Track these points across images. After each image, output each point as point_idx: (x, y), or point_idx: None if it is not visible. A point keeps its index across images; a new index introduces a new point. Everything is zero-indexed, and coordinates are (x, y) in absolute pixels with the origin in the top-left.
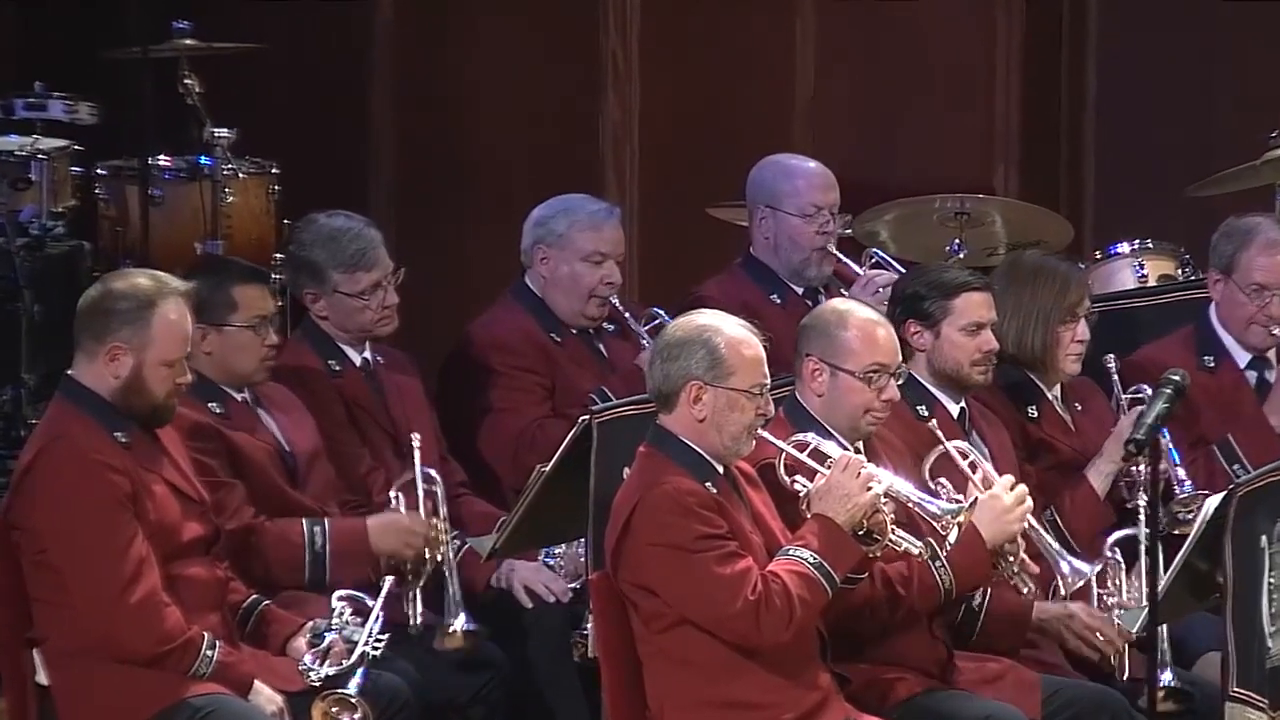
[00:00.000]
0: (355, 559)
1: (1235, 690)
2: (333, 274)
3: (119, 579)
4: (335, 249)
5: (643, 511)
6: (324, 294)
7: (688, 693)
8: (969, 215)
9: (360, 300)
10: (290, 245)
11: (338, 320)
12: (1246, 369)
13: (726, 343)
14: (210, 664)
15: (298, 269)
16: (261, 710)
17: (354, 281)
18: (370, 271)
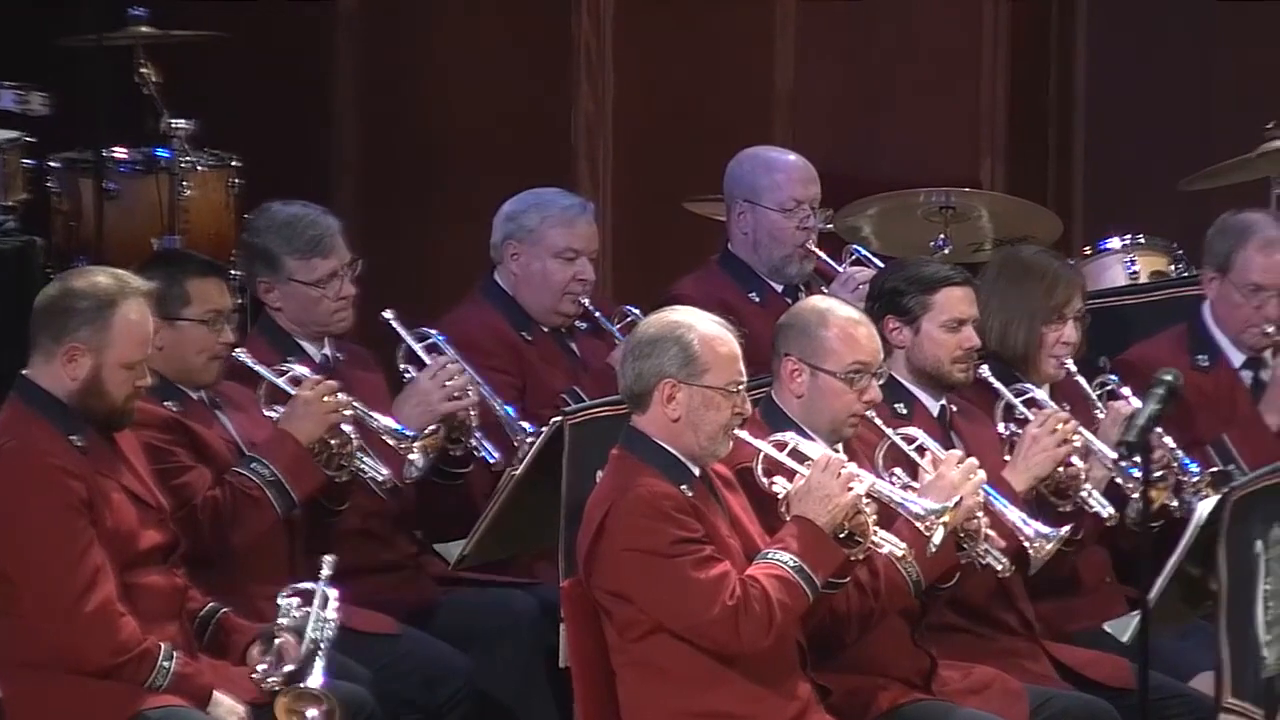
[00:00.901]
0: (297, 462)
1: (1229, 701)
2: (287, 261)
3: (73, 588)
4: (291, 235)
5: (616, 516)
6: (278, 283)
7: (663, 703)
8: (954, 210)
9: (316, 290)
10: (244, 233)
11: (292, 312)
12: (1241, 369)
13: (700, 339)
14: (167, 675)
15: (252, 257)
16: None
17: (309, 269)
18: (327, 259)
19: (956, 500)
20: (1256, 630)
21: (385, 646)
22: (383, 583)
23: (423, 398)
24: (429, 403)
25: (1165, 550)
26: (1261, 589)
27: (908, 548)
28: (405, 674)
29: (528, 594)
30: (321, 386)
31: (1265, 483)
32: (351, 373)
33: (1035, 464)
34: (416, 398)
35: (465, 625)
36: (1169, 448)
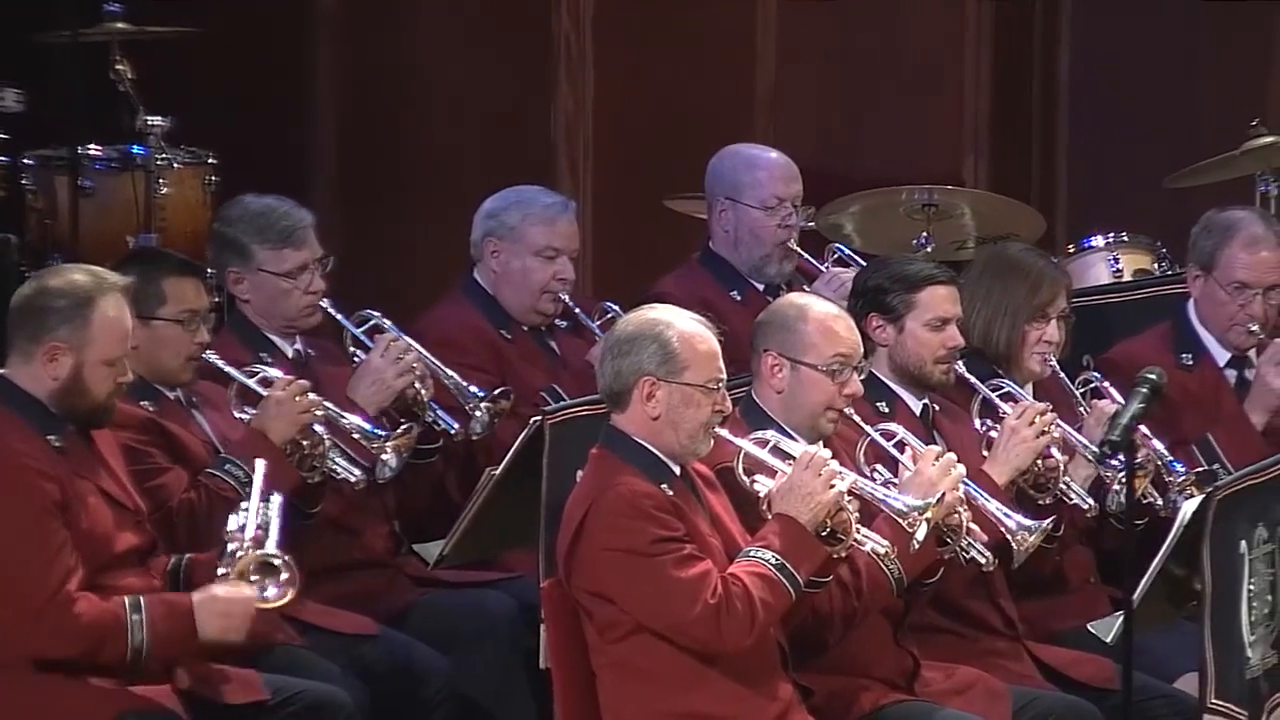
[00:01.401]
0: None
1: (1213, 702)
2: (258, 251)
3: (45, 590)
4: (263, 224)
5: (596, 515)
6: (247, 273)
7: (644, 704)
8: (937, 207)
9: (286, 281)
10: (216, 223)
11: (261, 305)
12: (1226, 367)
13: (679, 336)
14: (144, 626)
15: (222, 246)
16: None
17: (280, 259)
18: (299, 250)
19: (939, 496)
20: (1241, 631)
21: (364, 647)
22: (361, 582)
23: (376, 376)
24: (384, 380)
25: (1149, 550)
26: (1246, 589)
27: (890, 545)
28: (384, 675)
29: (507, 595)
30: (293, 387)
31: (1250, 482)
32: (323, 368)
33: (1015, 456)
34: (370, 377)
35: (445, 626)
36: (1154, 447)
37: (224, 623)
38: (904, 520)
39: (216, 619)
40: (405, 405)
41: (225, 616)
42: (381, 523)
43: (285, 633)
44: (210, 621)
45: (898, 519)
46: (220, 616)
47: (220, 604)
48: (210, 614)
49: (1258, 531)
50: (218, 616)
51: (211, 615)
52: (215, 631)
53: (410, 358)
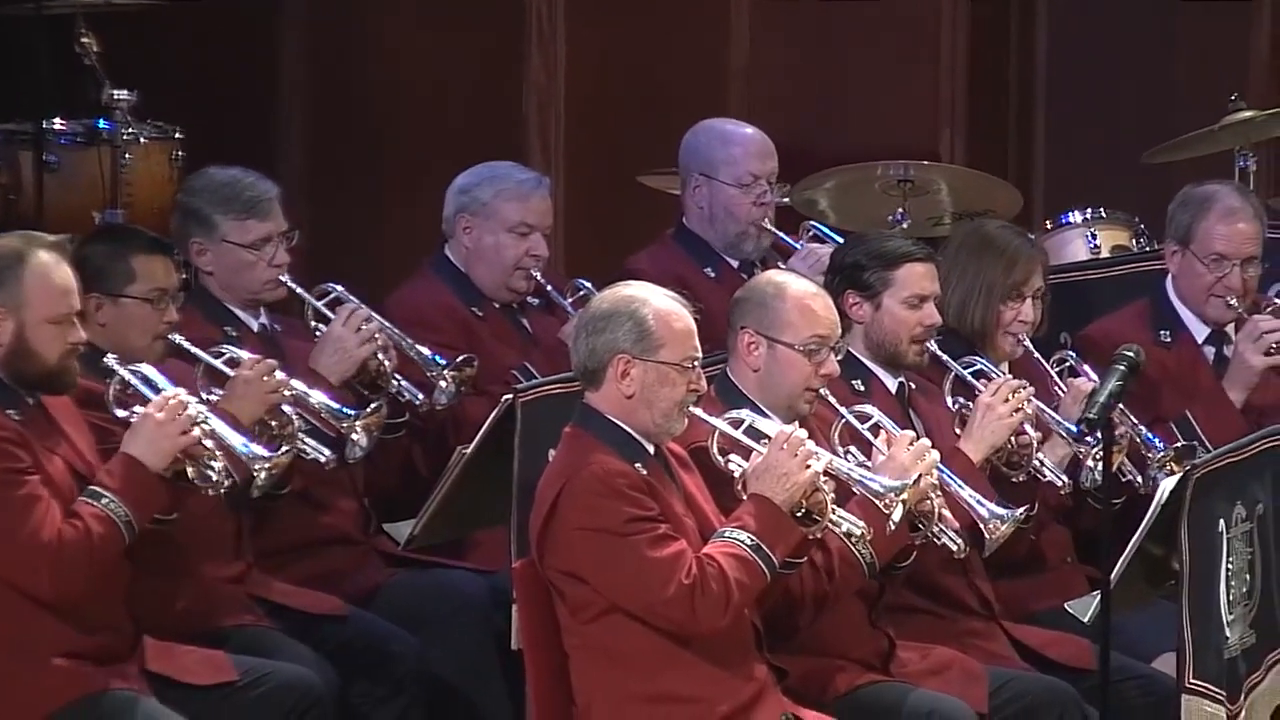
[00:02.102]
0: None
1: (1192, 682)
2: (222, 221)
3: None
4: (227, 194)
5: (569, 494)
6: (210, 244)
7: (617, 686)
8: (913, 183)
9: (250, 253)
10: (180, 194)
11: (224, 277)
12: (1204, 344)
13: (654, 314)
14: (116, 503)
15: (186, 216)
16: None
17: (244, 230)
18: (263, 221)
19: (915, 477)
20: (1219, 610)
21: (332, 628)
22: (330, 560)
23: (338, 345)
24: (346, 349)
25: (1127, 529)
26: (1224, 568)
27: (866, 526)
28: (353, 656)
29: (478, 575)
30: (260, 366)
31: (1228, 460)
32: (290, 343)
33: (990, 432)
34: (332, 345)
35: (415, 606)
36: (1132, 424)
37: (153, 435)
38: (880, 502)
39: (146, 438)
40: (369, 378)
41: (149, 430)
42: (349, 498)
43: (253, 613)
44: (142, 444)
45: (874, 500)
46: (145, 436)
47: (137, 428)
48: (139, 441)
49: (1236, 510)
50: (145, 436)
51: (140, 440)
52: (151, 448)
53: (371, 327)
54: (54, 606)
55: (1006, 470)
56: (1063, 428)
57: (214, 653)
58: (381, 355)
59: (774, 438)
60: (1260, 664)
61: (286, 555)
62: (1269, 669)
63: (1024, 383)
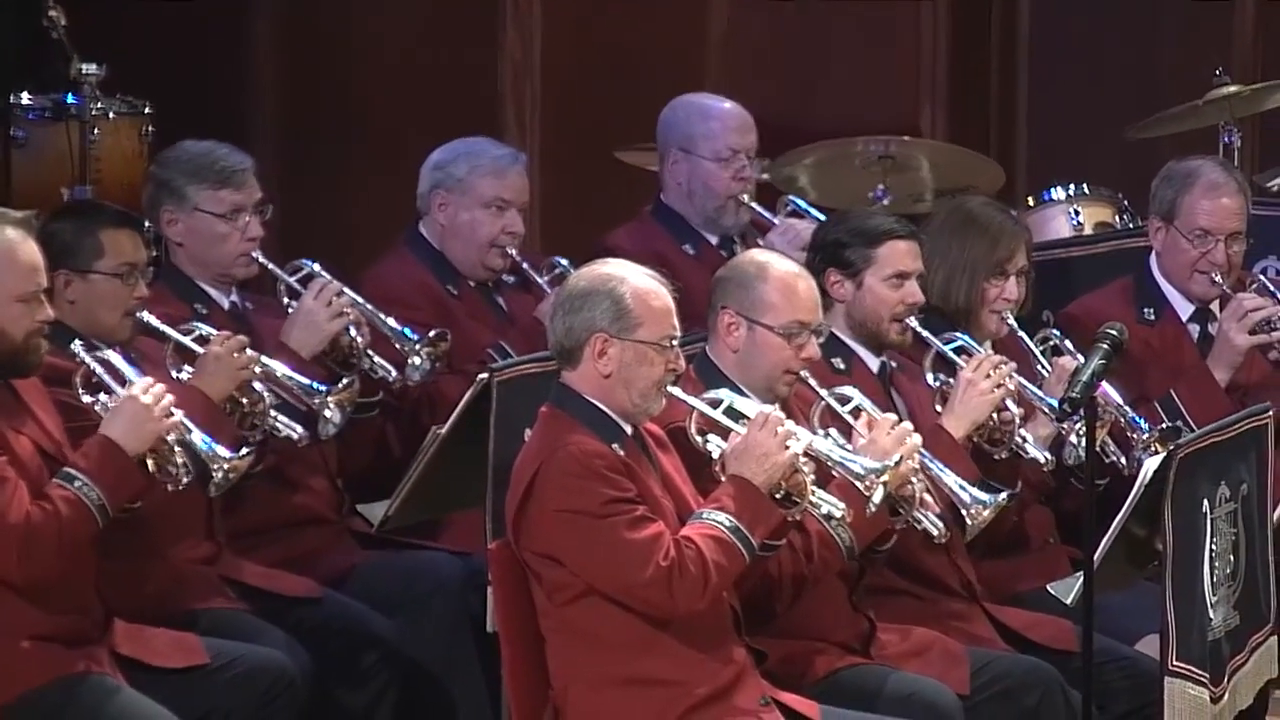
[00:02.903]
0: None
1: (1175, 664)
2: (194, 191)
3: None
4: (201, 165)
5: (546, 475)
6: (182, 214)
7: (594, 669)
8: (894, 159)
9: (223, 224)
10: (152, 167)
11: (196, 249)
12: (1189, 322)
13: (633, 292)
14: (88, 485)
15: (158, 188)
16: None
17: (217, 200)
18: (237, 192)
19: (896, 459)
20: (1203, 592)
21: (306, 611)
22: (303, 541)
23: (309, 318)
24: (317, 323)
25: (1110, 510)
26: (1208, 549)
27: (846, 508)
28: (327, 639)
29: (453, 557)
30: (231, 342)
31: (1212, 440)
32: (261, 320)
33: (972, 408)
34: (303, 319)
35: (389, 588)
36: (1117, 404)
37: (136, 417)
38: (860, 484)
39: (127, 420)
40: (341, 354)
41: (132, 413)
42: (322, 477)
43: (225, 595)
44: (123, 427)
45: (854, 482)
46: (127, 419)
47: (119, 410)
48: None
49: (1220, 490)
50: (127, 419)
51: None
52: (132, 433)
53: (343, 301)
54: (22, 589)
55: (988, 447)
56: (1045, 404)
57: (185, 635)
58: (354, 331)
59: (753, 418)
60: (1244, 646)
61: (259, 536)
62: (1253, 651)
63: (1005, 358)
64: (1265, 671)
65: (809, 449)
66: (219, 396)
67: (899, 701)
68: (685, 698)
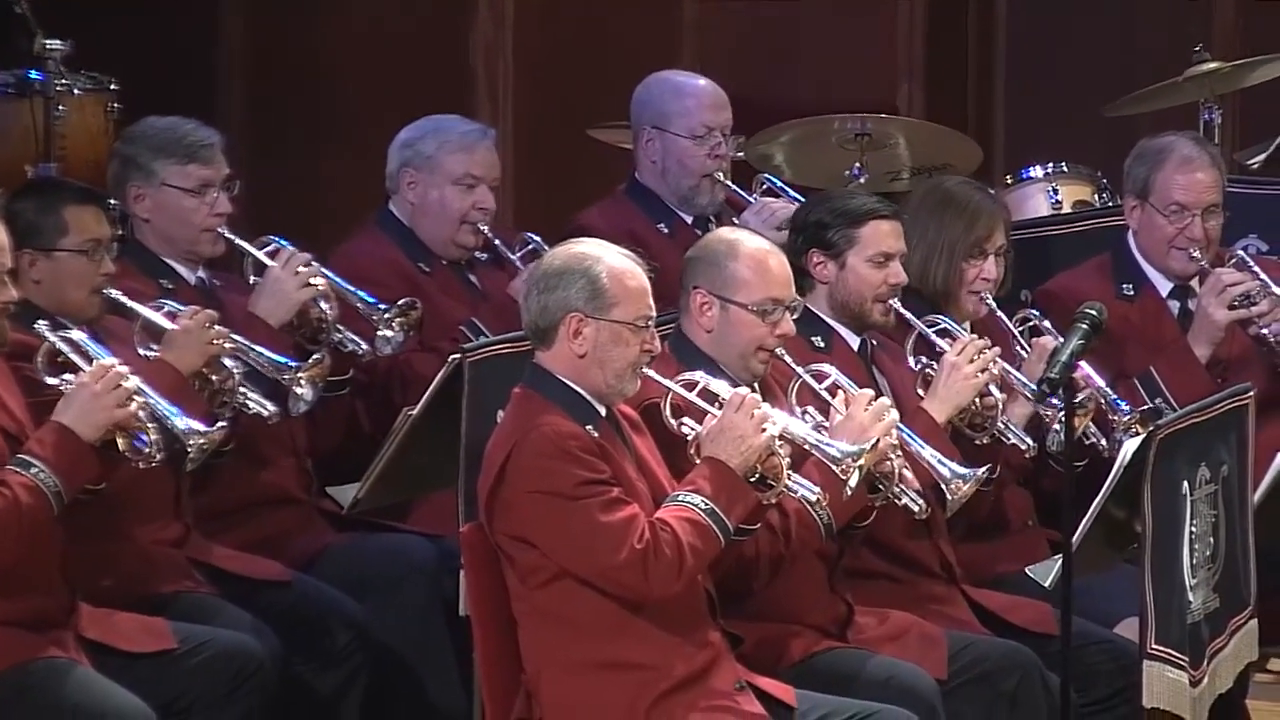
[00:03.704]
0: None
1: (1154, 648)
2: (161, 166)
3: None
4: (168, 139)
5: (519, 456)
6: (149, 189)
7: (567, 653)
8: (870, 137)
9: (191, 198)
10: (118, 143)
11: (163, 224)
12: (1168, 298)
13: (608, 272)
14: (45, 471)
15: (124, 164)
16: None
17: (185, 175)
18: (205, 167)
19: (873, 442)
20: (1182, 574)
21: (275, 594)
22: (272, 522)
23: (278, 287)
24: (285, 292)
25: (1089, 492)
26: (1188, 531)
27: (822, 492)
28: (296, 623)
29: (425, 539)
30: (200, 316)
31: (1192, 421)
32: (229, 297)
33: (955, 393)
34: (271, 288)
35: (360, 571)
36: (1097, 386)
37: (87, 405)
38: (837, 467)
39: (79, 408)
40: (310, 328)
41: (83, 401)
42: (289, 456)
43: (193, 579)
44: (75, 414)
45: (830, 465)
46: (79, 406)
47: (71, 398)
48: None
49: (1200, 471)
50: (79, 407)
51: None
52: (84, 420)
53: (311, 270)
54: None
55: (970, 432)
56: (1028, 389)
57: (152, 619)
58: (324, 304)
59: (729, 400)
60: (1224, 629)
61: (227, 517)
62: (1233, 634)
63: (990, 342)
64: (1245, 655)
65: (785, 431)
66: (188, 371)
67: (876, 685)
68: (659, 682)
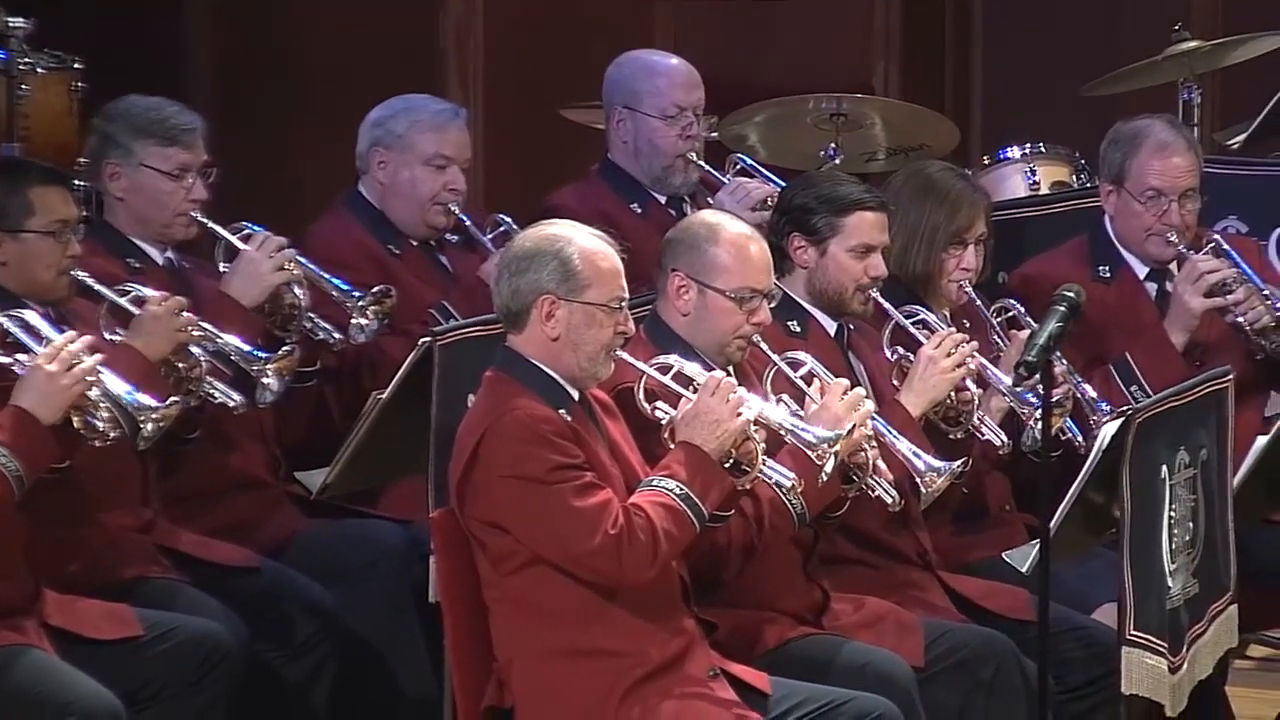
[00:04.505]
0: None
1: (1132, 634)
2: (142, 147)
3: None
4: (149, 120)
5: (492, 440)
6: (127, 168)
7: (540, 640)
8: (846, 117)
9: (168, 181)
10: (96, 118)
11: (137, 204)
12: (1146, 280)
13: (580, 253)
14: (10, 458)
15: (103, 140)
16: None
17: (164, 158)
18: (184, 151)
19: (849, 428)
20: (1161, 559)
21: (243, 581)
22: (239, 508)
23: (251, 268)
24: (259, 273)
25: (1067, 477)
26: (1166, 516)
27: (797, 478)
28: (264, 610)
29: (395, 525)
30: (169, 303)
31: (1171, 404)
32: (199, 279)
33: (931, 386)
34: (245, 268)
35: (329, 557)
36: (1075, 383)
37: (45, 387)
38: (812, 453)
39: (37, 391)
40: (282, 314)
41: (41, 383)
42: (257, 440)
43: (160, 565)
44: (34, 397)
45: (806, 451)
46: (37, 389)
47: (28, 380)
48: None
49: (1179, 456)
50: (37, 389)
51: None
52: (43, 402)
53: (286, 254)
54: None
55: (945, 426)
56: (1004, 385)
57: (118, 606)
58: (297, 289)
59: (704, 384)
60: (1203, 615)
61: (195, 503)
62: (1212, 620)
63: (967, 337)
64: (1225, 641)
65: (760, 416)
66: (155, 357)
67: (851, 673)
68: (633, 669)
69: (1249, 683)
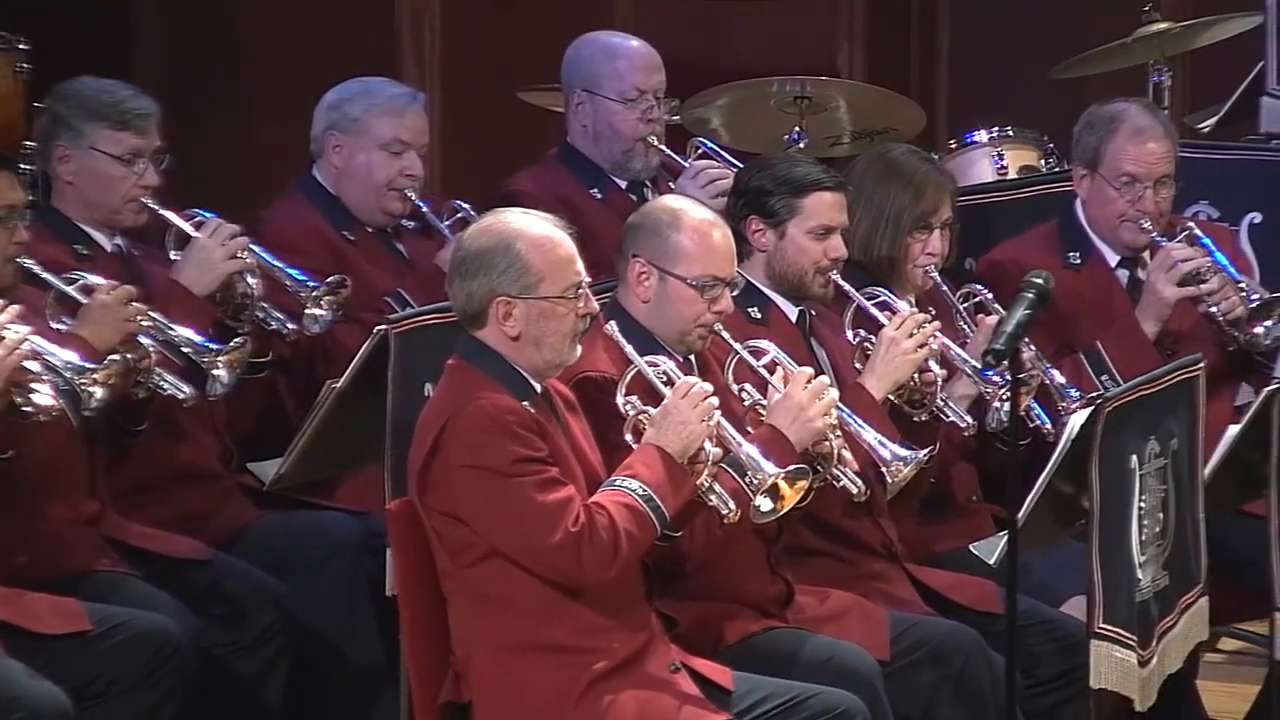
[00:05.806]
0: None
1: (1101, 626)
2: (93, 130)
3: None
4: (101, 103)
5: (454, 430)
6: (77, 151)
7: (498, 634)
8: (810, 100)
9: (119, 166)
10: (47, 99)
11: (86, 188)
12: (1117, 267)
13: (530, 246)
14: None
15: (54, 123)
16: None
17: (115, 142)
18: (137, 136)
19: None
20: (1131, 551)
21: (194, 574)
22: (190, 499)
23: (204, 256)
24: (211, 261)
25: (1035, 467)
26: (1136, 507)
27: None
28: (215, 603)
29: (350, 516)
30: (119, 292)
31: (1141, 393)
32: (149, 267)
33: (893, 368)
34: (197, 256)
35: (282, 549)
36: (1044, 368)
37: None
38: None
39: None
40: (234, 303)
41: None
42: (208, 431)
43: (109, 558)
44: None
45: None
46: None
47: None
48: None
49: (1149, 445)
50: None
51: None
52: None
53: (239, 242)
54: None
55: (908, 409)
56: (969, 365)
57: (65, 600)
58: (250, 278)
59: (677, 385)
60: (1173, 607)
61: (144, 494)
62: (1182, 612)
63: (930, 317)
64: (1195, 634)
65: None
66: (104, 347)
67: (816, 666)
68: (593, 664)
69: (1220, 676)
